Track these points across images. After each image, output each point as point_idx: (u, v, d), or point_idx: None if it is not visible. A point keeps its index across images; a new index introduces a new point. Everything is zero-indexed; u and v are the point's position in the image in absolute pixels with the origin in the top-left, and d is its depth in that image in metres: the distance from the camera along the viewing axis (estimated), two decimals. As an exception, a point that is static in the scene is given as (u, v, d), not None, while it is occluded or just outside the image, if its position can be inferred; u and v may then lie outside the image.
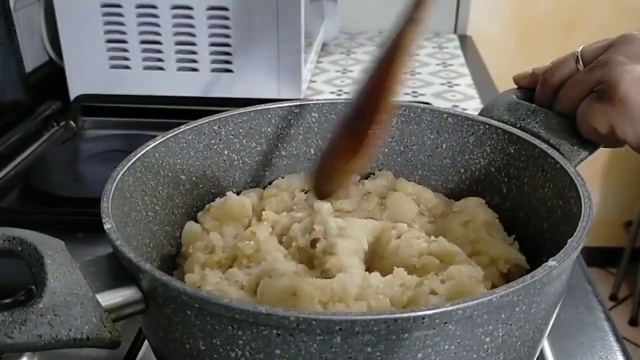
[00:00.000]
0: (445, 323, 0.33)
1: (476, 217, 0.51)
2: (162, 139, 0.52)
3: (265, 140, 0.57)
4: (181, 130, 0.53)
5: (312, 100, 0.58)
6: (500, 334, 0.36)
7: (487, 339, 0.35)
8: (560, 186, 0.46)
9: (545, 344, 0.54)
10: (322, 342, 0.33)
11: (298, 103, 0.58)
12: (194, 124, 0.54)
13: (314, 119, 0.58)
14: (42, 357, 0.50)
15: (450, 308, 0.33)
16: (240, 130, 0.56)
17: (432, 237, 0.49)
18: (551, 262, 0.36)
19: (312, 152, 0.59)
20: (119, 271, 0.38)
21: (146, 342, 0.52)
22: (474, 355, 0.36)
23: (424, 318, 0.32)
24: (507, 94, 0.56)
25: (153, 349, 0.43)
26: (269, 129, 0.57)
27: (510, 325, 0.36)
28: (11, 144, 0.87)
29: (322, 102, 0.58)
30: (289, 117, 0.57)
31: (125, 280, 0.38)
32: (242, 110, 0.56)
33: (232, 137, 0.56)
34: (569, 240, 0.39)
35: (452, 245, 0.47)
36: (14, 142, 0.88)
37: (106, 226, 0.40)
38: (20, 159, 0.87)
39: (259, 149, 0.57)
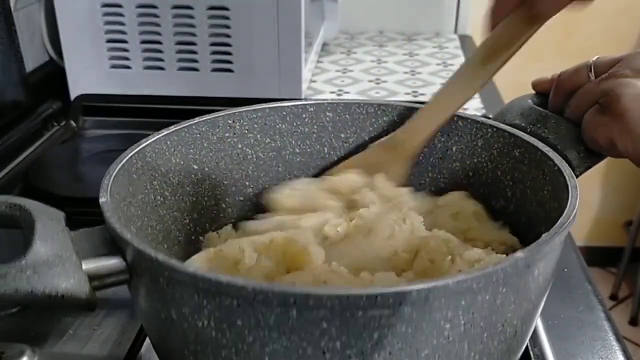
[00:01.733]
0: (400, 304, 0.33)
1: (464, 208, 0.53)
2: (175, 129, 0.52)
3: (280, 136, 0.58)
4: (195, 121, 0.54)
5: (327, 99, 0.59)
6: (462, 322, 0.36)
7: (447, 325, 0.35)
8: (557, 188, 0.46)
9: (545, 344, 0.54)
10: (279, 314, 0.34)
11: (313, 102, 0.58)
12: (208, 117, 0.55)
13: (328, 118, 0.58)
14: (42, 357, 0.50)
15: (404, 289, 0.33)
16: (255, 125, 0.57)
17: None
18: (518, 253, 0.36)
19: (326, 150, 0.59)
20: (109, 243, 0.40)
21: (146, 341, 0.52)
22: (434, 341, 0.35)
23: (377, 297, 0.33)
24: (523, 99, 0.56)
25: (142, 321, 0.45)
26: (284, 126, 0.58)
27: (473, 314, 0.36)
28: (11, 144, 0.87)
29: (337, 101, 0.58)
30: (304, 116, 0.58)
31: (113, 251, 0.40)
32: (257, 106, 0.57)
33: (246, 131, 0.57)
34: (543, 235, 0.38)
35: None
36: (14, 142, 0.88)
37: (101, 200, 0.41)
38: (20, 159, 0.87)
39: (272, 144, 0.58)
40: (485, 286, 0.35)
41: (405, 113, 0.57)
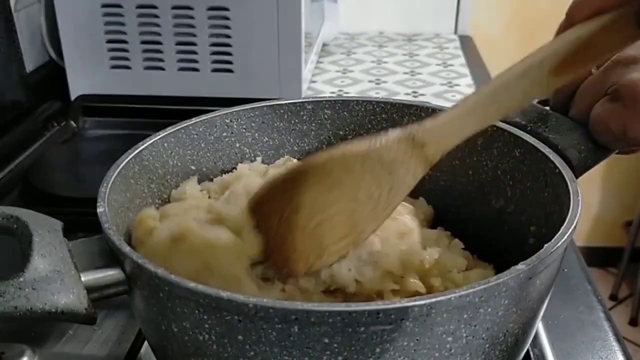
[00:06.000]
0: (402, 319, 0.33)
1: None
2: (172, 130, 0.52)
3: (278, 135, 0.58)
4: (192, 122, 0.54)
5: (325, 97, 0.58)
6: (464, 335, 0.35)
7: (450, 339, 0.35)
8: (558, 192, 0.46)
9: (545, 344, 0.54)
10: (280, 330, 0.33)
11: (311, 99, 0.58)
12: (205, 117, 0.54)
13: (326, 116, 0.58)
14: (42, 357, 0.50)
15: (405, 304, 0.33)
16: (253, 124, 0.57)
17: None
18: (520, 266, 0.36)
19: (325, 148, 0.59)
20: (108, 253, 0.40)
21: (146, 342, 0.52)
22: (436, 354, 0.35)
23: (378, 313, 0.33)
24: None
25: (142, 329, 0.45)
26: (281, 124, 0.58)
27: (475, 326, 0.35)
28: (11, 144, 0.87)
29: (335, 99, 0.58)
30: (302, 113, 0.58)
31: (111, 262, 0.40)
32: (254, 104, 0.57)
33: (244, 130, 0.56)
34: (545, 245, 0.38)
35: None
36: (14, 142, 0.88)
37: (99, 210, 0.41)
38: (20, 159, 0.87)
39: (270, 143, 0.58)
40: (487, 299, 0.35)
41: (404, 110, 0.57)
